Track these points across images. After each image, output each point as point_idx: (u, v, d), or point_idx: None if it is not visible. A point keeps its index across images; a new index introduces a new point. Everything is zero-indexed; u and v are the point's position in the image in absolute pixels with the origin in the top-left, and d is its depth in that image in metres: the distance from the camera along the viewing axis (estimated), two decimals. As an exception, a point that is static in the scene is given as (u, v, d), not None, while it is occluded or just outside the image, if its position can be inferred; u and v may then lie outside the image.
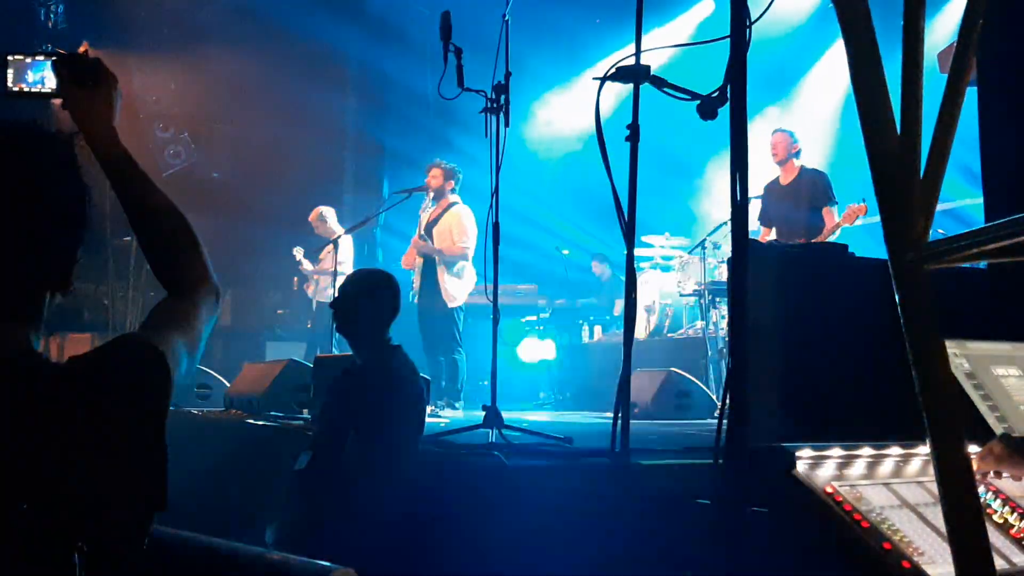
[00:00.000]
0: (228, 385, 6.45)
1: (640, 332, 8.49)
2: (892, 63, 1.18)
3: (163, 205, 1.49)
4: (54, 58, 1.53)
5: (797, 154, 6.82)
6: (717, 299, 7.55)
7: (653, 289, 8.77)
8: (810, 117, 10.11)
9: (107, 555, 1.13)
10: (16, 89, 1.54)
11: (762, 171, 6.87)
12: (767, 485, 1.94)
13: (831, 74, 10.19)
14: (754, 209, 7.11)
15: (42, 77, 1.54)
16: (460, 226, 7.00)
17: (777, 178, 6.93)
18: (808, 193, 6.63)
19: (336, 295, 3.63)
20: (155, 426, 1.23)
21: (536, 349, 9.80)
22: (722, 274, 7.82)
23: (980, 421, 2.26)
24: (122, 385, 1.21)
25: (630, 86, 3.14)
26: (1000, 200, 3.42)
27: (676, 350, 7.99)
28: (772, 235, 6.90)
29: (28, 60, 1.54)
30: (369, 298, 3.53)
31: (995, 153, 3.46)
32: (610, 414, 2.95)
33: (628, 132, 3.10)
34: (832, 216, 6.56)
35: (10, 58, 1.54)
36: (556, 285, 10.55)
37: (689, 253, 8.30)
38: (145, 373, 1.24)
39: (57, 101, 1.51)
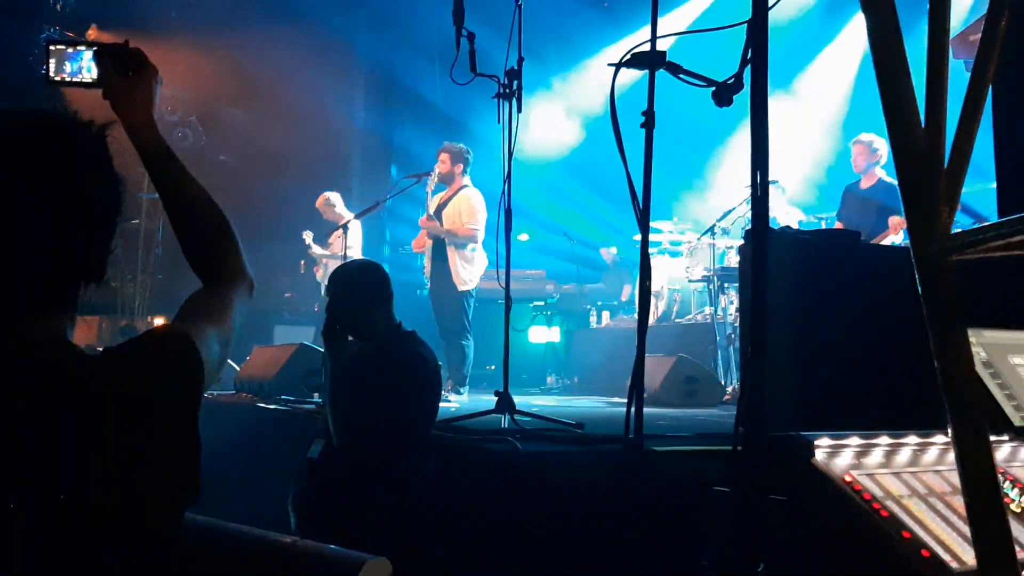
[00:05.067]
0: (238, 369, 6.48)
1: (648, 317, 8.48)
2: (910, 48, 1.17)
3: (199, 196, 1.50)
4: (96, 48, 1.53)
5: (878, 162, 7.09)
6: (726, 285, 7.55)
7: (661, 275, 8.76)
8: (815, 108, 10.10)
9: (143, 544, 1.15)
10: (58, 79, 1.54)
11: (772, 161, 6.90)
12: (785, 473, 1.95)
13: (838, 62, 10.15)
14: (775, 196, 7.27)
15: (83, 67, 1.54)
16: (470, 208, 6.98)
17: (858, 181, 7.27)
18: (880, 202, 6.92)
19: (328, 299, 3.59)
20: (188, 415, 1.23)
21: (544, 334, 9.81)
22: (731, 260, 7.82)
23: (997, 410, 2.27)
24: (155, 375, 1.21)
25: (641, 72, 3.12)
26: (1015, 192, 3.41)
27: (684, 336, 7.99)
28: None
29: (70, 50, 1.54)
30: (357, 295, 3.51)
31: (1010, 144, 3.44)
32: (618, 399, 2.96)
33: (643, 119, 3.09)
34: (896, 224, 6.77)
35: (52, 48, 1.54)
36: (564, 270, 10.56)
37: (698, 239, 8.29)
38: (178, 363, 1.24)
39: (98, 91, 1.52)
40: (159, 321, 10.42)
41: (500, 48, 4.38)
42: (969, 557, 1.71)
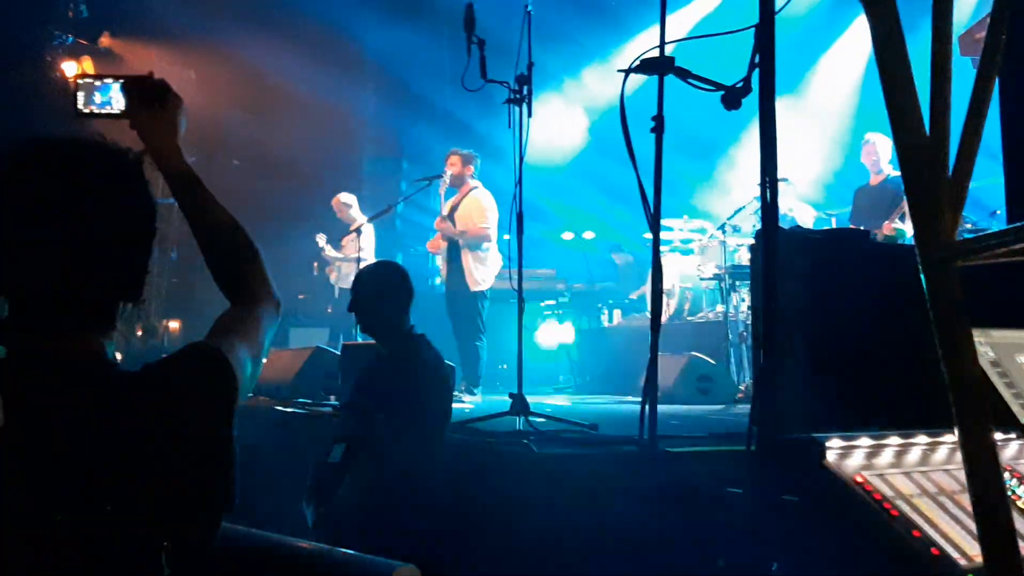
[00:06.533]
0: (257, 371, 6.51)
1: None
2: (914, 51, 1.19)
3: (226, 220, 1.55)
4: (122, 80, 1.58)
5: (890, 159, 7.31)
6: (737, 282, 7.56)
7: (673, 272, 8.76)
8: (824, 105, 10.10)
9: (187, 553, 1.20)
10: (86, 111, 1.59)
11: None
12: (797, 474, 1.98)
13: (847, 58, 10.15)
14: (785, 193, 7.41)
15: (110, 98, 1.59)
16: (480, 208, 7.05)
17: (867, 181, 7.49)
18: (890, 198, 7.09)
19: (351, 297, 3.70)
20: (224, 429, 1.29)
21: (555, 333, 9.83)
22: (742, 257, 7.83)
23: (1005, 409, 2.28)
24: (192, 390, 1.27)
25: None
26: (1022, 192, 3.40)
27: (697, 334, 7.99)
28: None
29: (97, 83, 1.59)
30: (379, 294, 3.58)
31: (1018, 146, 3.42)
32: (631, 397, 2.99)
33: (652, 123, 3.12)
34: (886, 227, 7.04)
35: (80, 81, 1.59)
36: (574, 269, 10.58)
37: (709, 237, 8.30)
38: (212, 378, 1.30)
39: (125, 121, 1.57)
40: (174, 324, 10.50)
41: (511, 50, 4.41)
42: (977, 553, 1.74)
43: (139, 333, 10.04)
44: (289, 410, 5.12)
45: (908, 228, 6.94)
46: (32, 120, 8.38)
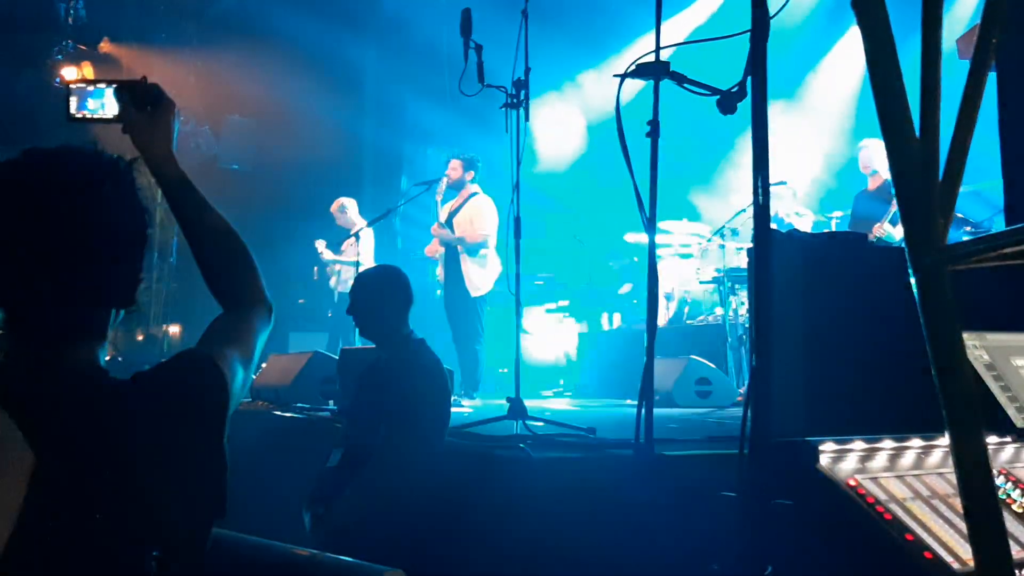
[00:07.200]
0: (254, 377, 6.52)
1: (659, 319, 8.49)
2: (906, 57, 1.20)
3: (219, 225, 1.55)
4: (115, 85, 1.58)
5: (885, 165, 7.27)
6: (736, 286, 7.56)
7: (672, 276, 8.77)
8: (824, 109, 10.12)
9: (176, 561, 1.20)
10: (79, 115, 1.59)
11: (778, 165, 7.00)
12: (791, 478, 1.98)
13: (845, 63, 10.18)
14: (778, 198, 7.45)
15: (103, 103, 1.59)
16: (480, 214, 7.06)
17: (865, 188, 7.65)
18: (889, 199, 7.13)
19: (350, 301, 3.71)
20: (215, 437, 1.29)
21: (555, 337, 9.84)
22: (741, 260, 7.83)
23: (999, 412, 2.29)
24: (182, 398, 1.27)
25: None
26: (1021, 196, 3.40)
27: (696, 337, 8.01)
28: None
29: (90, 87, 1.59)
30: (379, 298, 3.60)
31: (1016, 144, 3.43)
32: (630, 401, 2.99)
33: (648, 128, 3.12)
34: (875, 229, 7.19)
35: (73, 86, 1.60)
36: (573, 273, 10.58)
37: (708, 240, 8.31)
38: (204, 387, 1.30)
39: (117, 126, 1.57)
40: (174, 329, 10.52)
41: (508, 55, 4.42)
42: (971, 557, 1.74)
43: (139, 338, 10.06)
44: (287, 415, 5.13)
45: (896, 232, 6.98)
46: (33, 126, 8.40)
